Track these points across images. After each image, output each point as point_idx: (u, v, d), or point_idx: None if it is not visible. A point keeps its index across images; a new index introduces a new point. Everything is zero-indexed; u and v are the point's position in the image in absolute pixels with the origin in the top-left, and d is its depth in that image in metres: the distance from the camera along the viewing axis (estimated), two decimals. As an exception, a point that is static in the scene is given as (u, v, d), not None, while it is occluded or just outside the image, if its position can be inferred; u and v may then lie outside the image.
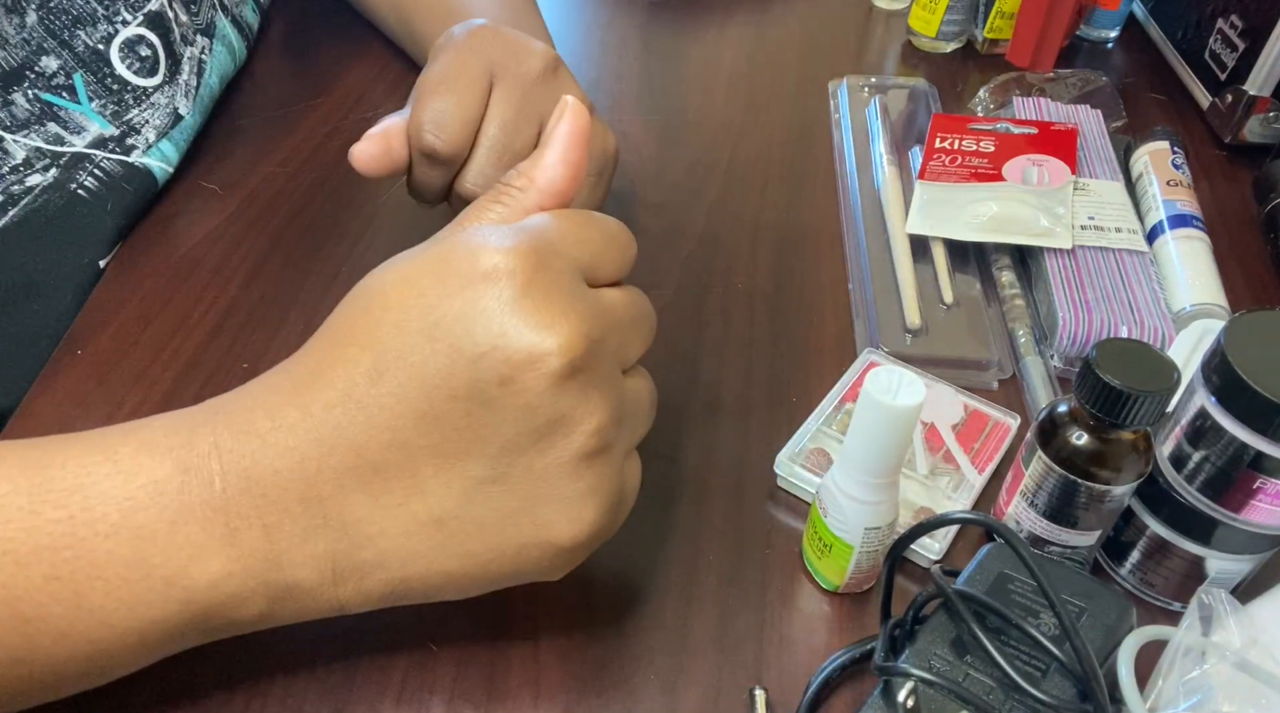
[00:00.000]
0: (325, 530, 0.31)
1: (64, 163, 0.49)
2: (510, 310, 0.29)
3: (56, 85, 0.48)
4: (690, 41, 0.73)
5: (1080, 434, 0.37)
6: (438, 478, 0.31)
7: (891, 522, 0.38)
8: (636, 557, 0.41)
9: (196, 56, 0.56)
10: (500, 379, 0.29)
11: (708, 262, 0.55)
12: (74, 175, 0.49)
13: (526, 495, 0.31)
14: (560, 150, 0.35)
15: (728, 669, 0.38)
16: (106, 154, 0.51)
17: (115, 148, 0.51)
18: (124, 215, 0.52)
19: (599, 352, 0.31)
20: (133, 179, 0.52)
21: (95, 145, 0.50)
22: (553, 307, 0.30)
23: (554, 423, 0.30)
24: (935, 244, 0.55)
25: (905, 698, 0.33)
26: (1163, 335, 0.48)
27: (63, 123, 0.49)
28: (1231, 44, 0.63)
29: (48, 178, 0.48)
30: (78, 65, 0.49)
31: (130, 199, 0.52)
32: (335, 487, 0.30)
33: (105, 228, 0.51)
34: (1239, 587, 0.40)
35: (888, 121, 0.63)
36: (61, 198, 0.49)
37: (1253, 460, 0.34)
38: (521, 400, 0.30)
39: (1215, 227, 0.57)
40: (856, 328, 0.51)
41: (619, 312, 0.33)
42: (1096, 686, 0.32)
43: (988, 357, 0.50)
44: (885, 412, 0.34)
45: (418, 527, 0.31)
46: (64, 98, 0.49)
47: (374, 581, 0.32)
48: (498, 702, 0.36)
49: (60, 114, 0.49)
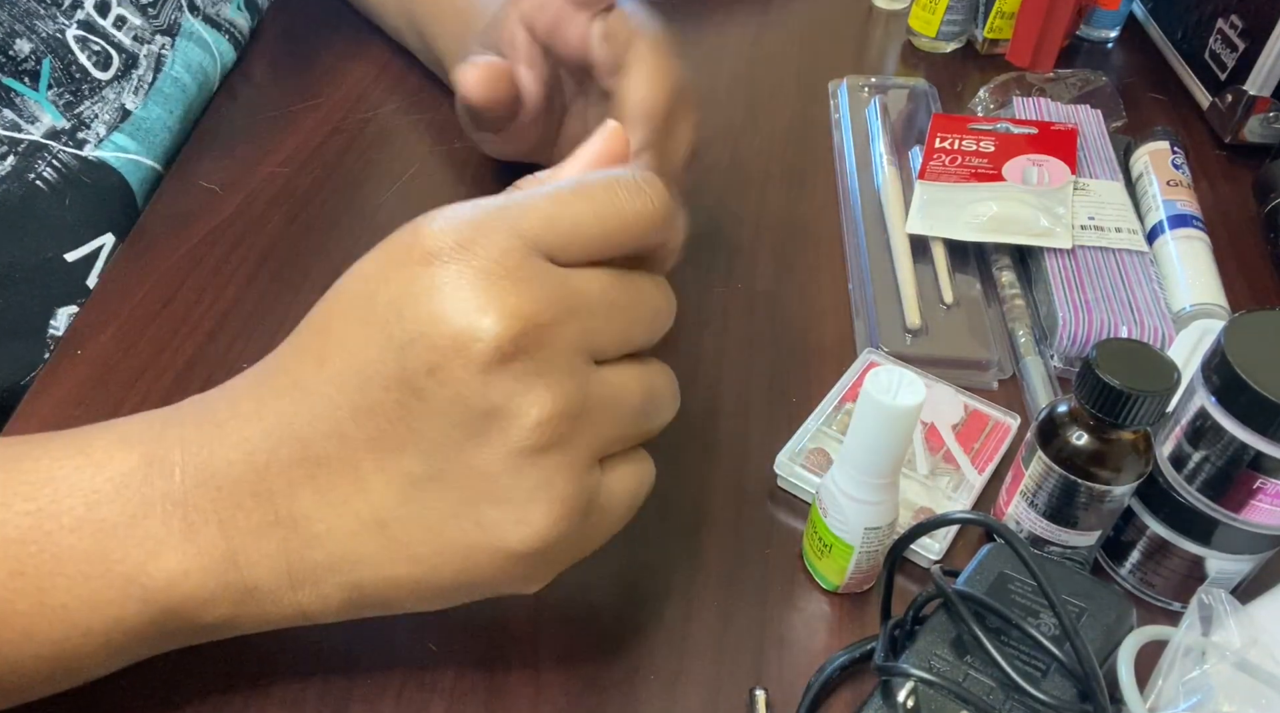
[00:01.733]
0: (277, 528, 0.30)
1: (22, 150, 0.49)
2: (444, 293, 0.27)
3: (24, 70, 0.49)
4: (690, 41, 0.73)
5: (1080, 434, 0.37)
6: (378, 474, 0.29)
7: (891, 522, 0.38)
8: (636, 556, 0.41)
9: (155, 53, 0.56)
10: (428, 368, 0.27)
11: (708, 262, 0.55)
12: (33, 164, 0.49)
13: (467, 494, 0.29)
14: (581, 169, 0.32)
15: (728, 669, 0.38)
16: (61, 147, 0.50)
17: (68, 141, 0.51)
18: (87, 210, 0.52)
19: (547, 337, 0.28)
20: (91, 173, 0.52)
21: (50, 137, 0.50)
22: (492, 288, 0.27)
23: (488, 415, 0.28)
24: (935, 244, 0.55)
25: (905, 698, 0.33)
26: (1163, 335, 0.48)
27: (17, 109, 0.49)
28: (1231, 44, 0.63)
29: (5, 166, 0.48)
30: (47, 50, 0.49)
31: (93, 192, 0.52)
32: (284, 480, 0.29)
33: (66, 221, 0.51)
34: (1239, 587, 0.40)
35: (888, 121, 0.63)
36: (20, 188, 0.48)
37: (1253, 460, 0.34)
38: (450, 391, 0.27)
39: (1215, 227, 0.57)
40: (856, 328, 0.51)
41: (591, 294, 0.29)
42: (1096, 686, 0.32)
43: (988, 357, 0.50)
44: (885, 412, 0.34)
45: (361, 526, 0.29)
46: (25, 83, 0.49)
47: (330, 585, 0.30)
48: (498, 702, 0.36)
49: (16, 101, 0.49)
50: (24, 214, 0.49)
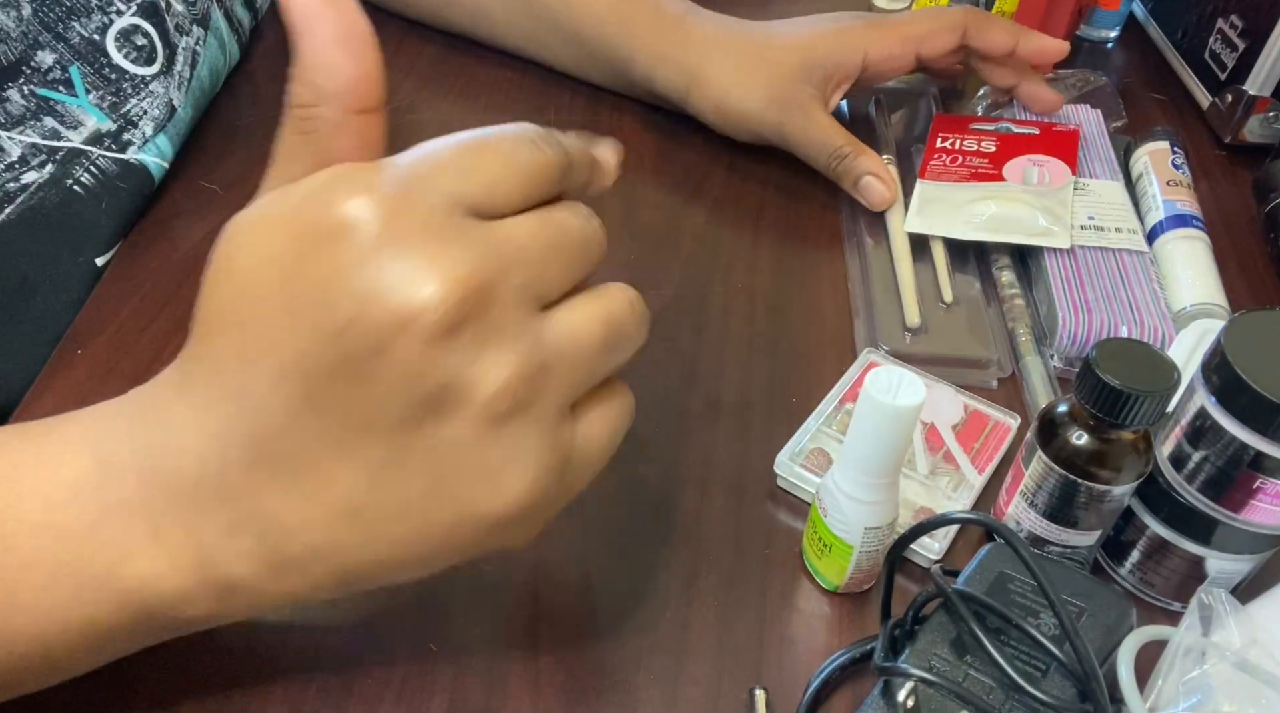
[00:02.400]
0: (248, 524, 0.28)
1: (60, 158, 0.49)
2: (370, 267, 0.25)
3: (53, 80, 0.48)
4: (690, 41, 0.73)
5: (1080, 434, 0.37)
6: (341, 464, 0.27)
7: (891, 522, 0.38)
8: (637, 556, 0.41)
9: (191, 47, 0.56)
10: (372, 350, 0.25)
11: (708, 262, 0.55)
12: (70, 171, 0.49)
13: (437, 473, 0.27)
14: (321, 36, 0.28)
15: (728, 669, 0.38)
16: (103, 151, 0.50)
17: (112, 144, 0.51)
18: (119, 214, 0.52)
19: (492, 296, 0.26)
20: (128, 177, 0.52)
21: (92, 141, 0.50)
22: (420, 253, 0.25)
23: (444, 389, 0.26)
24: (935, 243, 0.55)
25: (905, 698, 0.33)
26: (1163, 335, 0.48)
27: (59, 117, 0.49)
28: (1231, 44, 0.63)
29: (43, 174, 0.48)
30: (74, 58, 0.49)
31: (125, 198, 0.52)
32: (244, 480, 0.28)
33: (101, 226, 0.51)
34: (1239, 587, 0.40)
35: (888, 120, 0.63)
36: (58, 195, 0.49)
37: (1253, 460, 0.34)
38: (399, 371, 0.26)
39: (1215, 227, 0.57)
40: (856, 327, 0.51)
41: (521, 240, 0.27)
42: (1096, 686, 0.32)
43: (987, 355, 0.50)
44: (885, 412, 0.34)
45: (335, 516, 0.28)
46: (61, 92, 0.49)
47: (316, 573, 0.29)
48: (498, 702, 0.36)
49: (58, 108, 0.49)
50: (59, 220, 0.49)
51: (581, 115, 0.64)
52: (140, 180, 0.53)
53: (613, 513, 0.43)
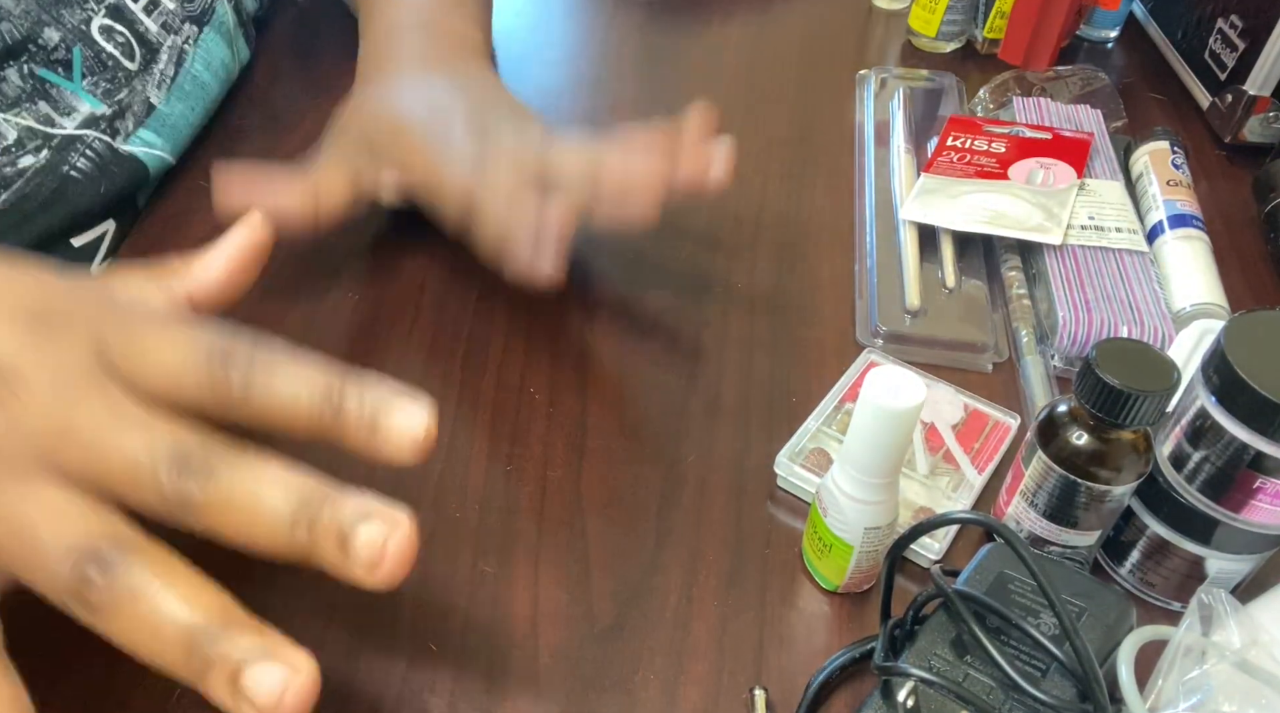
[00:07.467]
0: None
1: (55, 145, 0.49)
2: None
3: (55, 60, 0.49)
4: (690, 42, 0.73)
5: (1080, 434, 0.37)
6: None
7: (891, 522, 0.38)
8: (637, 557, 0.41)
9: (179, 46, 0.56)
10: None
11: (708, 262, 0.55)
12: (66, 157, 0.49)
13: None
14: (225, 256, 0.37)
15: (728, 669, 0.38)
16: (98, 134, 0.50)
17: (105, 128, 0.51)
18: (113, 200, 0.52)
19: None
20: (120, 164, 0.52)
21: (86, 125, 0.50)
22: None
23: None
24: (944, 236, 0.55)
25: (905, 698, 0.33)
26: (1163, 335, 0.48)
27: (53, 102, 0.49)
28: (1231, 44, 0.63)
29: (39, 160, 0.48)
30: (76, 39, 0.50)
31: (121, 184, 0.52)
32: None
33: (96, 213, 0.51)
34: (1239, 587, 0.40)
35: (909, 112, 0.64)
36: (54, 181, 0.49)
37: (1253, 460, 0.34)
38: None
39: (1215, 227, 0.57)
40: (858, 307, 0.52)
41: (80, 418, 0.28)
42: (1096, 686, 0.32)
43: (983, 340, 0.50)
44: (885, 412, 0.34)
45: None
46: (59, 74, 0.49)
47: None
48: (498, 702, 0.37)
49: (51, 92, 0.49)
50: (55, 206, 0.49)
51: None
52: (132, 169, 0.53)
53: (612, 513, 0.43)
